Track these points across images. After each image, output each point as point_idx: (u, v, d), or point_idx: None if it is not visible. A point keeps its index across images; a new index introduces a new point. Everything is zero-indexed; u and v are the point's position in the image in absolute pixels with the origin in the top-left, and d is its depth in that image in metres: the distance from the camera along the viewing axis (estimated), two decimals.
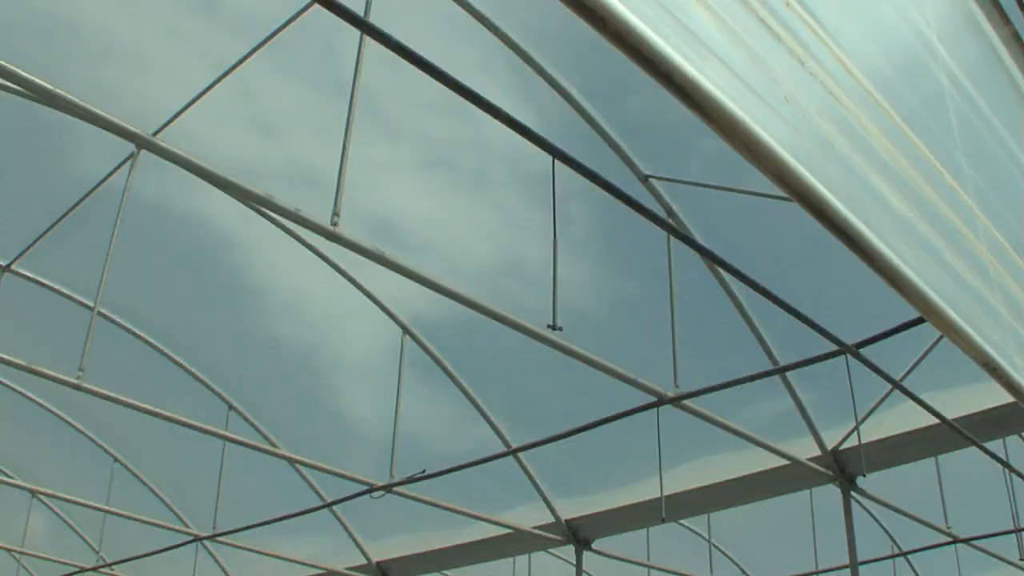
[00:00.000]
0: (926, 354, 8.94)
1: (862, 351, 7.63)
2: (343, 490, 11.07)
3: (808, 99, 2.16)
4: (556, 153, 5.41)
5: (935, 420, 8.71)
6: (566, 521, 12.10)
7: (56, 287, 10.32)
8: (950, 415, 8.63)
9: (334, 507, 12.85)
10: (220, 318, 11.47)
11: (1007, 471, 10.65)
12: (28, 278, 10.13)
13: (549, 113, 8.05)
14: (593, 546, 12.11)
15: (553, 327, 5.92)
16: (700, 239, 7.92)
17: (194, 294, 11.13)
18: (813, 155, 2.05)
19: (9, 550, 16.19)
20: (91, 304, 9.89)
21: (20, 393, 12.56)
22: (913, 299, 2.40)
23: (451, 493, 11.16)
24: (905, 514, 11.21)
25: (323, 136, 8.52)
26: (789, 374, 9.39)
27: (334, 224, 5.73)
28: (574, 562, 12.00)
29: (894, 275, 2.29)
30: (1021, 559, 12.44)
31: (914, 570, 15.63)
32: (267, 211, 8.59)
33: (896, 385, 8.03)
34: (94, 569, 15.22)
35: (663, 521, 11.54)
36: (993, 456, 9.37)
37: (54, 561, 15.48)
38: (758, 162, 1.91)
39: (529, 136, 5.30)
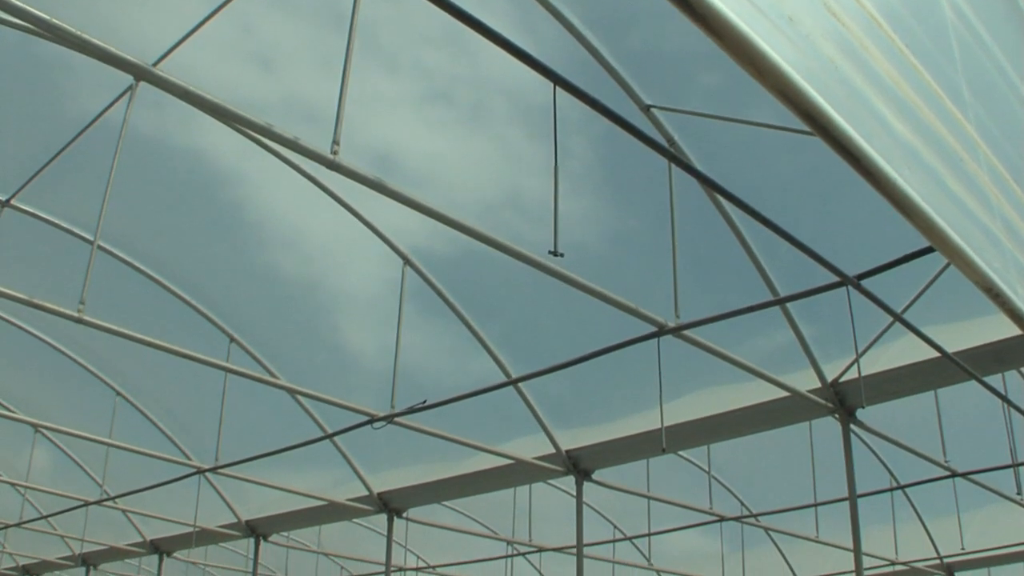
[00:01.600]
0: (927, 287, 8.94)
1: (863, 283, 7.62)
2: (344, 422, 11.14)
3: (812, 20, 2.13)
4: (557, 80, 5.36)
5: (935, 353, 8.74)
6: (566, 452, 12.17)
7: (56, 221, 10.30)
8: (950, 349, 8.64)
9: (335, 438, 12.94)
10: (220, 252, 11.46)
11: (1006, 406, 10.70)
12: (28, 213, 10.10)
13: (549, 45, 7.98)
14: (593, 477, 12.19)
15: (554, 253, 5.90)
16: (701, 170, 7.88)
17: (194, 228, 11.12)
18: (818, 75, 2.04)
19: (13, 484, 16.32)
20: (91, 238, 9.89)
21: (21, 328, 12.58)
22: (918, 223, 2.39)
23: (452, 425, 11.23)
24: (904, 447, 11.28)
25: (323, 71, 8.47)
26: (790, 307, 9.41)
27: (334, 153, 5.70)
28: (574, 493, 12.09)
29: (900, 198, 2.28)
30: (1019, 494, 12.52)
31: (912, 503, 15.77)
32: (266, 142, 8.57)
33: (897, 317, 8.03)
34: (98, 502, 15.35)
35: (663, 452, 11.63)
36: (992, 390, 9.40)
37: (58, 495, 15.62)
38: (764, 80, 1.89)
39: (530, 63, 5.26)
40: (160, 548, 18.62)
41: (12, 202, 9.72)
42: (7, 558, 22.72)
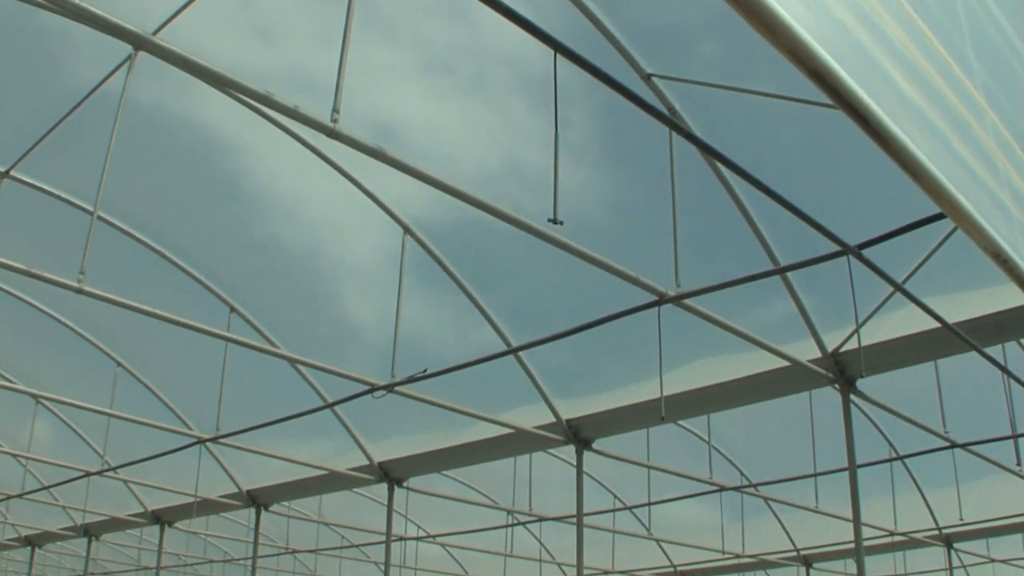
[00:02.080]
0: (928, 257, 8.94)
1: (864, 252, 7.61)
2: (345, 391, 11.15)
3: None
4: (558, 47, 5.33)
5: (935, 324, 8.74)
6: (567, 421, 12.19)
7: (55, 192, 10.27)
8: (950, 319, 8.65)
9: (336, 407, 12.96)
10: (220, 222, 11.45)
11: (1006, 377, 10.71)
12: (27, 184, 10.07)
13: (550, 13, 7.94)
14: (593, 446, 12.22)
15: (554, 221, 5.88)
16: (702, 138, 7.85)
17: (194, 198, 11.10)
18: (828, 36, 2.02)
19: (15, 455, 16.36)
20: (91, 208, 9.87)
21: (21, 299, 12.58)
22: (927, 186, 2.38)
23: (452, 394, 11.25)
24: (904, 418, 11.31)
25: (322, 43, 8.44)
26: (791, 277, 9.40)
27: (334, 122, 5.68)
28: (574, 462, 12.12)
29: (909, 160, 2.27)
30: (1018, 465, 12.55)
31: (911, 474, 15.83)
32: (266, 112, 8.54)
33: (898, 288, 8.03)
34: (99, 473, 15.39)
35: (663, 420, 11.65)
36: (992, 361, 9.41)
37: (59, 465, 15.66)
38: (776, 40, 1.87)
39: (531, 30, 5.22)
40: (161, 518, 18.68)
41: (12, 173, 9.69)
42: (9, 529, 22.80)
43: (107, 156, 7.90)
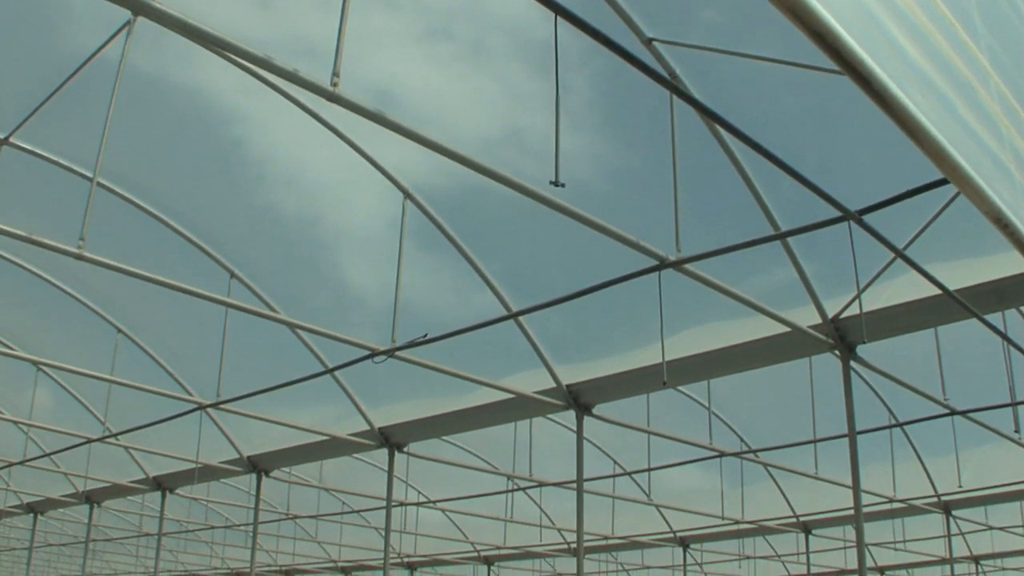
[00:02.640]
0: (930, 223, 8.91)
1: (865, 218, 7.59)
2: (345, 357, 11.16)
3: None
4: (558, 10, 5.29)
5: (936, 291, 8.72)
6: (567, 386, 12.21)
7: (55, 159, 10.24)
8: (951, 286, 8.63)
9: (336, 373, 12.97)
10: (220, 189, 11.43)
11: (1005, 344, 10.71)
12: (26, 150, 10.04)
13: None
14: (594, 411, 12.24)
15: (555, 183, 5.86)
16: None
17: (194, 165, 11.08)
18: None
19: (16, 422, 16.40)
20: (90, 175, 9.84)
21: (21, 266, 12.56)
22: (928, 149, 2.36)
23: (453, 360, 11.26)
24: (903, 385, 11.31)
25: (322, 10, 8.38)
26: (792, 243, 9.38)
27: (334, 85, 5.65)
28: (575, 428, 12.14)
29: (910, 123, 2.25)
30: (1017, 432, 12.58)
31: (911, 441, 15.87)
32: (266, 77, 8.50)
33: (898, 254, 8.01)
34: (100, 440, 15.44)
35: (664, 385, 11.66)
36: (993, 328, 9.41)
37: (61, 432, 15.70)
38: (778, 1, 1.86)
39: None
40: (162, 484, 18.76)
41: (11, 139, 9.66)
42: (11, 496, 22.90)
43: (106, 123, 7.88)
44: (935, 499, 18.38)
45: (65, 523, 28.57)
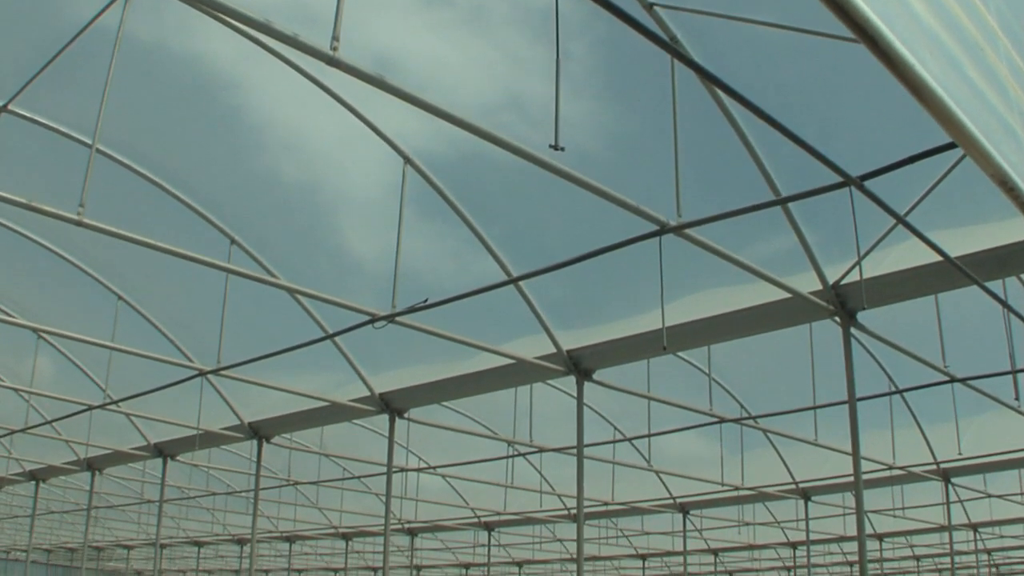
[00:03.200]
0: (931, 190, 8.89)
1: (867, 184, 7.56)
2: (346, 322, 11.17)
3: None
4: None
5: (937, 258, 8.71)
6: (567, 352, 12.21)
7: (54, 126, 10.20)
8: (952, 253, 8.62)
9: (337, 339, 12.98)
10: (220, 155, 11.39)
11: (1006, 312, 10.71)
12: (25, 118, 10.00)
13: None
14: (594, 377, 12.25)
15: (555, 147, 5.83)
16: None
17: (193, 132, 11.05)
18: None
19: (17, 390, 16.43)
20: (89, 142, 9.80)
21: (21, 234, 12.54)
22: (935, 110, 2.34)
23: (453, 325, 11.26)
24: (904, 352, 11.31)
25: None
26: (793, 209, 9.35)
27: (333, 49, 5.62)
28: (575, 393, 12.16)
29: (917, 83, 2.23)
30: (1016, 400, 12.59)
31: (910, 408, 15.90)
32: (265, 42, 8.45)
33: (900, 220, 7.99)
34: (101, 407, 15.46)
35: (664, 350, 11.67)
36: (993, 296, 9.40)
37: (62, 400, 15.74)
38: None
39: None
40: (164, 451, 18.82)
41: (10, 107, 9.62)
42: (13, 463, 22.97)
43: (105, 89, 7.85)
44: (934, 466, 18.44)
45: (67, 490, 28.67)
